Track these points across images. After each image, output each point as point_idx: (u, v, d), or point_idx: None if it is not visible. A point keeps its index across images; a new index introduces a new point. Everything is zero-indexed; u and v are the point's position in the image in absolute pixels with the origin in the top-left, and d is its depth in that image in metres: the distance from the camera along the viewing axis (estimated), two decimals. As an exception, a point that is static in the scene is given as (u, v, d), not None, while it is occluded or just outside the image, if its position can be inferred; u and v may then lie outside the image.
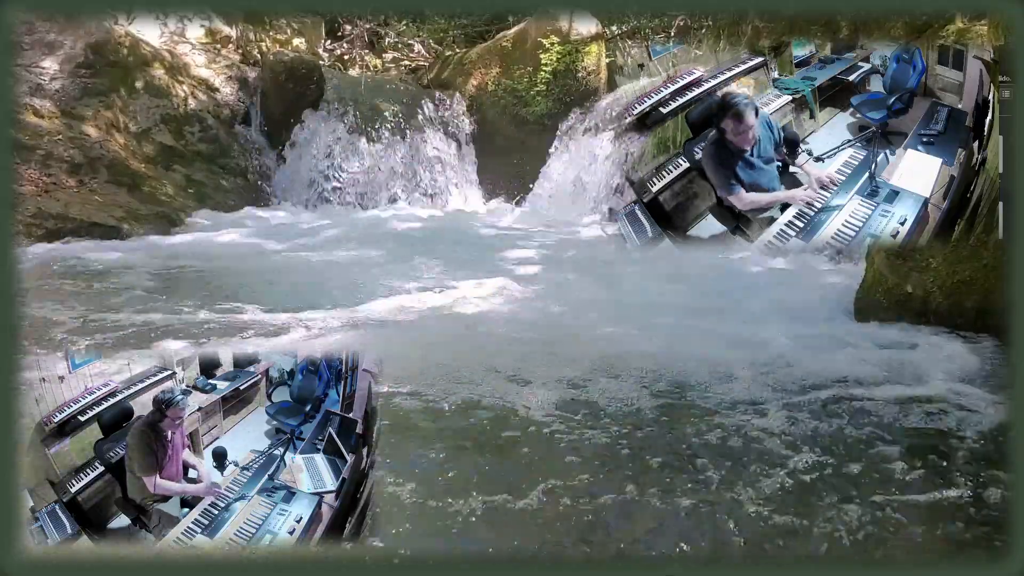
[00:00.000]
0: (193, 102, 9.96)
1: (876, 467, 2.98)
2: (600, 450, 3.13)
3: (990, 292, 4.19)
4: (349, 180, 10.07)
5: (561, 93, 10.20)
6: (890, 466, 2.98)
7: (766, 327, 4.53)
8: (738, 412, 3.45)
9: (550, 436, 3.25)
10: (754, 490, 2.79)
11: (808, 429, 3.29)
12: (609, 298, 5.43)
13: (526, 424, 3.36)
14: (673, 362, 4.01)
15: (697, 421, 3.37)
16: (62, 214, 7.75)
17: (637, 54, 10.20)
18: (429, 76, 11.51)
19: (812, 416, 3.40)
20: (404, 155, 10.32)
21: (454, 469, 2.97)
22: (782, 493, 2.80)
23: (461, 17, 11.96)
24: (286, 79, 10.39)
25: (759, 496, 2.76)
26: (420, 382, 3.72)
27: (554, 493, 2.79)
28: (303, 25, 11.79)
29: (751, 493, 2.77)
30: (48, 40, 9.14)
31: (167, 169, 9.32)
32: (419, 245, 7.59)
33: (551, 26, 10.36)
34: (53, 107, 8.81)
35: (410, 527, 2.61)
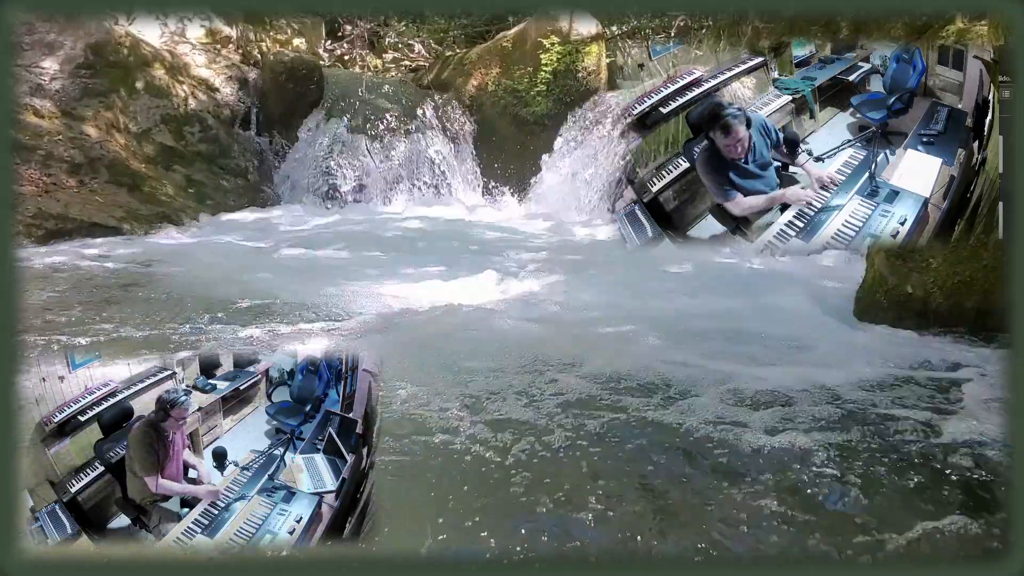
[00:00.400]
0: (193, 102, 9.97)
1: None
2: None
3: (990, 293, 4.18)
4: (349, 180, 10.07)
5: (561, 93, 10.20)
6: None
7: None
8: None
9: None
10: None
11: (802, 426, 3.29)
12: (609, 299, 5.43)
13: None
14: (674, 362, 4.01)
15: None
16: (62, 214, 7.76)
17: (637, 54, 10.20)
18: (429, 76, 11.51)
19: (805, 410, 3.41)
20: (404, 155, 10.32)
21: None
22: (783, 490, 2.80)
23: (461, 17, 11.97)
24: (286, 79, 10.40)
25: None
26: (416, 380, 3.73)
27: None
28: (303, 25, 11.81)
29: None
30: (48, 40, 9.15)
31: (167, 169, 9.33)
32: (419, 245, 7.59)
33: (551, 26, 10.36)
34: (53, 107, 8.82)
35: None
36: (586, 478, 2.92)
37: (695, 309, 5.01)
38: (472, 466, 3.01)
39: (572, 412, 3.46)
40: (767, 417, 3.37)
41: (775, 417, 3.37)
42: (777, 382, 3.73)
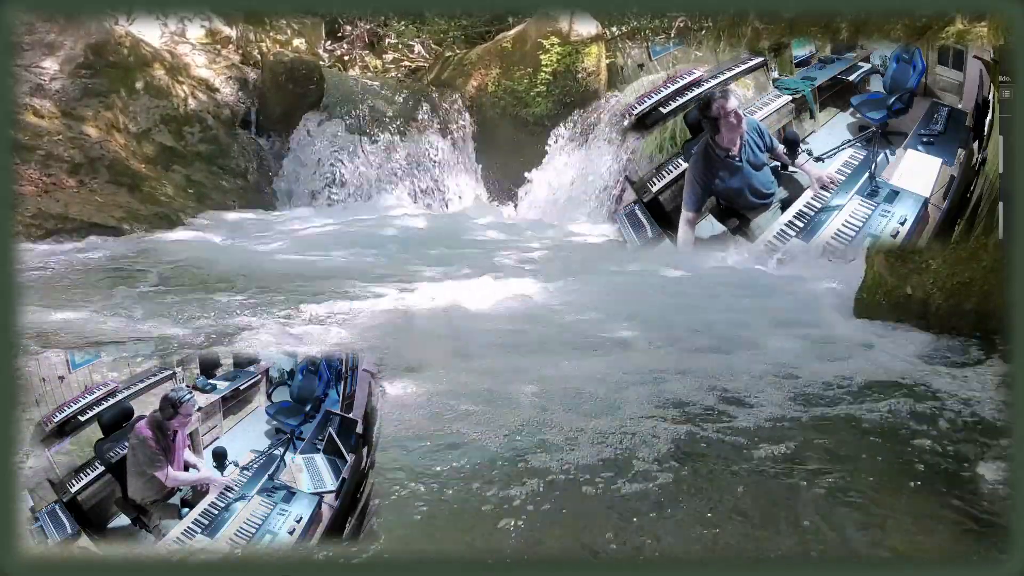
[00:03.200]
0: (193, 102, 9.97)
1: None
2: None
3: (990, 294, 4.18)
4: (348, 180, 10.07)
5: (561, 94, 10.20)
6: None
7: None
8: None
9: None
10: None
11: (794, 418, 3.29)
12: (609, 299, 5.42)
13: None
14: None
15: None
16: (62, 214, 7.76)
17: (637, 55, 10.21)
18: (429, 77, 11.52)
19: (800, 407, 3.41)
20: (404, 156, 10.32)
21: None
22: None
23: (461, 18, 11.98)
24: (286, 80, 10.41)
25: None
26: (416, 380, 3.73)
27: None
28: (303, 26, 11.82)
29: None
30: (48, 40, 9.14)
31: (167, 170, 9.33)
32: (418, 246, 7.59)
33: (551, 27, 10.37)
34: (53, 107, 8.82)
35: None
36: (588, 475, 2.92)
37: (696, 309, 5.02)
38: (472, 465, 3.01)
39: (572, 412, 3.46)
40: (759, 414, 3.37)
41: (772, 416, 3.38)
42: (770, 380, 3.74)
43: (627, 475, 2.89)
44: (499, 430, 3.24)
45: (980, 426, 3.29)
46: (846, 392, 3.65)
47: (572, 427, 3.26)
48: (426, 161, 10.35)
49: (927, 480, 2.89)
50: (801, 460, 3.03)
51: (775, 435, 3.21)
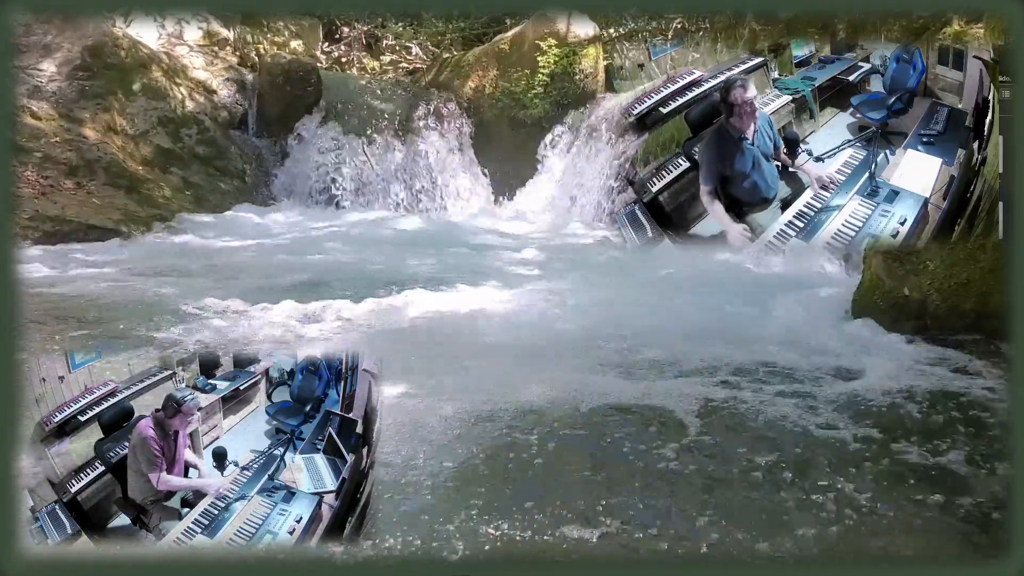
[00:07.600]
0: (191, 104, 9.95)
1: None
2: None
3: (988, 295, 4.18)
4: (346, 182, 10.06)
5: (559, 95, 10.20)
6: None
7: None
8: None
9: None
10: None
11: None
12: (609, 300, 5.42)
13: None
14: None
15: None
16: (59, 216, 7.74)
17: (635, 56, 10.21)
18: (427, 78, 11.51)
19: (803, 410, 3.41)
20: (401, 157, 10.31)
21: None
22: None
23: (459, 20, 11.98)
24: (283, 81, 10.39)
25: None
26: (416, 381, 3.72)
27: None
28: (300, 28, 11.80)
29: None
30: (46, 42, 9.13)
31: (164, 171, 9.30)
32: (417, 247, 7.58)
33: (549, 29, 10.36)
34: (51, 109, 8.80)
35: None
36: (587, 477, 2.92)
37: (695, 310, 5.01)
38: (472, 465, 3.01)
39: (572, 411, 3.46)
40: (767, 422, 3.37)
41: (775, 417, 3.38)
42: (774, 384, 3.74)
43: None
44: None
45: (979, 426, 3.30)
46: (845, 392, 3.66)
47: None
48: (423, 162, 10.34)
49: (927, 480, 2.89)
50: (801, 461, 3.04)
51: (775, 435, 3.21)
